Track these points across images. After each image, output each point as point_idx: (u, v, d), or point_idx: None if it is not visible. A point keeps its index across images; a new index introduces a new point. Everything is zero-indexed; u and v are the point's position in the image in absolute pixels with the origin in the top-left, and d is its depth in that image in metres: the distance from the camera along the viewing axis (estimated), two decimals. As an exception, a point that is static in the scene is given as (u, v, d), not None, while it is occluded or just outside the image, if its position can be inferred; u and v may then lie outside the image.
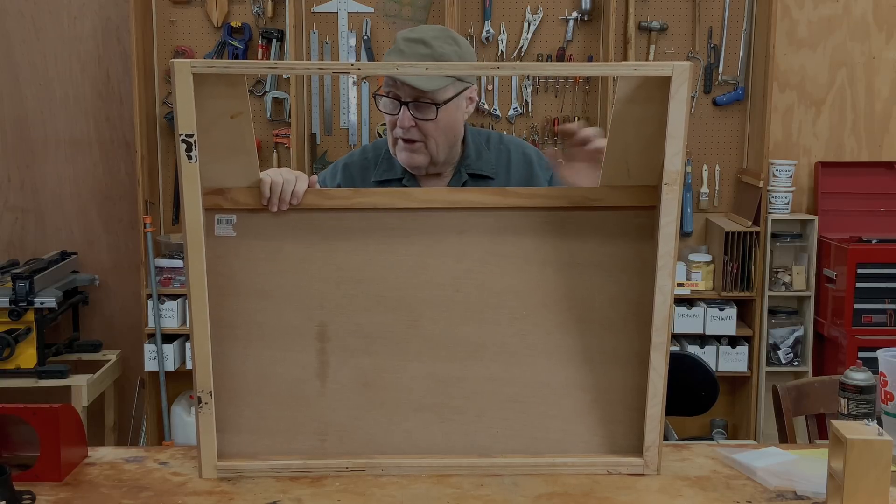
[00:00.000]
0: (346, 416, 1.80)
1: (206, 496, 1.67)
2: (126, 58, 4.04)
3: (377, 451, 1.80)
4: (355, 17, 4.05)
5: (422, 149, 1.98)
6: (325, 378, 1.80)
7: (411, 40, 1.94)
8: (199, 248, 1.67)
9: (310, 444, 1.80)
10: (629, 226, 1.76)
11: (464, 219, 1.75)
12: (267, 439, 1.80)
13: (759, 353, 3.96)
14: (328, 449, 1.80)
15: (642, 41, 4.06)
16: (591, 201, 1.75)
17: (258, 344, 1.77)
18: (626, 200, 1.75)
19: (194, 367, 1.70)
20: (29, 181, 4.18)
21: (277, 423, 1.80)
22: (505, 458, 1.78)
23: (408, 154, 2.00)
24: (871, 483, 1.53)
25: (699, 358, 2.92)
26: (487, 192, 1.75)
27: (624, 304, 1.78)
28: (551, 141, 4.11)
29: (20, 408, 1.73)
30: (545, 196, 1.75)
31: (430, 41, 1.94)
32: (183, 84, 1.59)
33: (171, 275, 3.96)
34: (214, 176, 1.72)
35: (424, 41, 1.93)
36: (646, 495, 1.68)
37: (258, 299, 1.77)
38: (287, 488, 1.70)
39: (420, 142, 1.98)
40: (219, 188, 1.73)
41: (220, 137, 1.68)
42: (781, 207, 3.96)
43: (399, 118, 1.95)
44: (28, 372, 3.70)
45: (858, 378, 1.82)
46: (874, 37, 4.12)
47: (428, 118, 1.95)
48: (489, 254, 1.76)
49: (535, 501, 1.65)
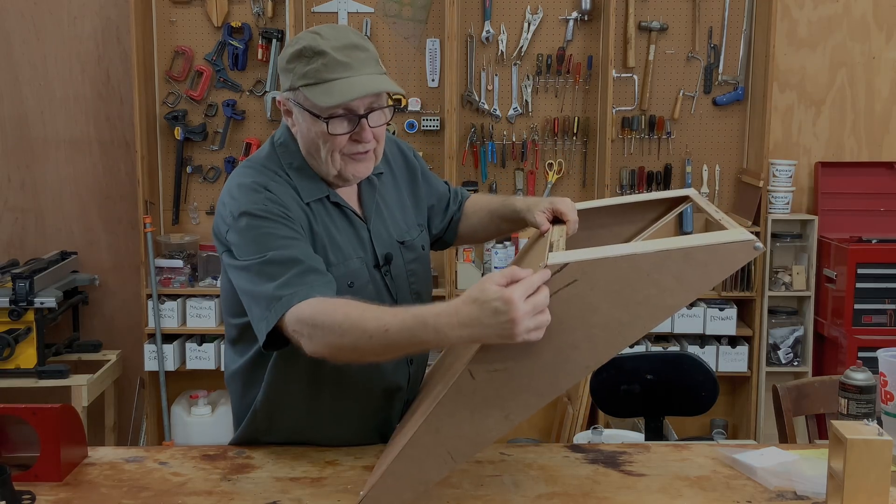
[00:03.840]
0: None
1: (206, 496, 1.67)
2: (126, 58, 4.04)
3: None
4: (355, 16, 4.06)
5: (371, 155, 1.82)
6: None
7: (344, 48, 1.72)
8: None
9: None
10: None
11: None
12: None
13: (759, 353, 3.96)
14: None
15: (642, 41, 4.06)
16: None
17: None
18: None
19: None
20: (29, 181, 4.18)
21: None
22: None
23: (362, 165, 1.81)
24: (871, 483, 1.53)
25: (699, 358, 2.93)
26: None
27: None
28: (551, 141, 4.11)
29: (20, 408, 1.73)
30: None
31: (359, 42, 1.76)
32: None
33: (171, 275, 3.96)
34: None
35: (356, 45, 1.74)
36: (646, 495, 1.68)
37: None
38: (287, 488, 1.70)
39: (371, 150, 1.81)
40: None
41: None
42: (781, 207, 3.96)
43: (358, 133, 1.76)
44: (28, 372, 3.70)
45: (858, 378, 1.82)
46: (874, 37, 4.12)
47: (383, 123, 1.80)
48: None
49: (535, 501, 1.65)
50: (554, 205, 1.86)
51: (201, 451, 1.89)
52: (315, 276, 1.65)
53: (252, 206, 1.72)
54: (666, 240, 1.49)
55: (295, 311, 1.59)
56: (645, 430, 2.92)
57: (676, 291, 1.46)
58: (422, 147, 4.08)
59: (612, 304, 1.45)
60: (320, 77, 1.70)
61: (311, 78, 1.71)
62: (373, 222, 1.88)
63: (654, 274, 1.44)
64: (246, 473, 1.78)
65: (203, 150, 4.12)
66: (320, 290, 1.63)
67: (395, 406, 1.92)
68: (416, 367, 1.94)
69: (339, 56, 1.71)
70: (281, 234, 1.70)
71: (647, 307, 1.46)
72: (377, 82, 1.74)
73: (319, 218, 1.80)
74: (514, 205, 1.99)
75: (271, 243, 1.68)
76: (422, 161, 2.09)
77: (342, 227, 1.83)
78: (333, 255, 1.79)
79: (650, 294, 1.45)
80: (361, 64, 1.73)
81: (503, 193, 4.11)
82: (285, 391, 1.85)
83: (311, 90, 1.71)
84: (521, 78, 4.09)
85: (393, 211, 1.94)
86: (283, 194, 1.76)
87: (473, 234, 2.13)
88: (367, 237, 1.86)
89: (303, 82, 1.72)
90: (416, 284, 1.93)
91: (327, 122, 1.73)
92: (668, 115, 4.10)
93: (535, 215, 1.87)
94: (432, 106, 4.09)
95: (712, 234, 1.50)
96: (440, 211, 2.10)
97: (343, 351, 1.55)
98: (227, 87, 4.07)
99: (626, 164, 4.12)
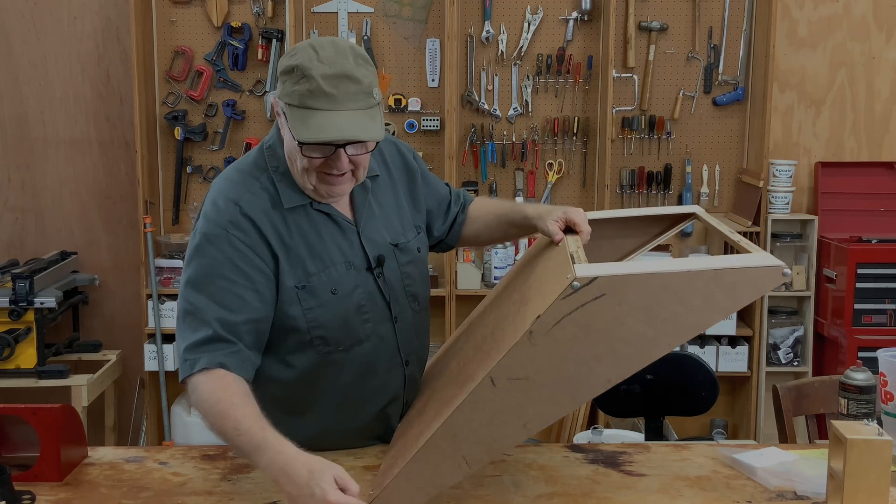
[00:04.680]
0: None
1: (206, 496, 1.67)
2: (126, 58, 4.04)
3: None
4: (355, 16, 4.05)
5: (349, 178, 1.77)
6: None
7: (335, 77, 1.66)
8: None
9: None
10: None
11: None
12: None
13: (759, 353, 3.95)
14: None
15: (642, 41, 4.06)
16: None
17: None
18: None
19: None
20: (29, 181, 4.18)
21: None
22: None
23: (337, 187, 1.77)
24: (871, 483, 1.53)
25: (699, 358, 2.93)
26: None
27: None
28: (551, 141, 4.11)
29: (20, 408, 1.73)
30: None
31: (353, 73, 1.67)
32: None
33: (171, 275, 3.96)
34: None
35: (349, 76, 1.66)
36: (646, 495, 1.68)
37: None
38: (287, 488, 1.69)
39: (348, 173, 1.76)
40: None
41: None
42: (781, 207, 3.96)
43: (333, 161, 1.71)
44: (28, 372, 3.70)
45: (858, 378, 1.82)
46: (874, 37, 4.12)
47: (365, 153, 1.75)
48: None
49: (535, 501, 1.65)
50: (567, 214, 1.84)
51: (201, 451, 1.89)
52: (226, 346, 1.69)
53: (214, 230, 1.74)
54: (696, 259, 1.50)
55: (195, 379, 1.68)
56: (645, 430, 2.92)
57: (702, 311, 1.47)
58: (422, 147, 4.08)
59: (639, 320, 1.46)
60: (304, 102, 1.66)
61: (295, 100, 1.67)
62: (364, 225, 1.86)
63: (682, 293, 1.45)
64: (246, 473, 1.78)
65: (203, 150, 4.12)
66: (226, 360, 1.68)
67: (391, 407, 1.91)
68: (413, 369, 1.93)
69: (327, 87, 1.65)
70: (224, 279, 1.72)
71: (673, 325, 1.47)
72: (355, 127, 1.67)
73: (297, 226, 1.78)
74: (524, 211, 1.97)
75: (211, 283, 1.72)
76: (422, 163, 2.07)
77: (326, 232, 1.81)
78: (312, 265, 1.77)
79: (677, 312, 1.46)
80: (348, 98, 1.67)
81: (503, 193, 4.11)
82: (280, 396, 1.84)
83: (292, 112, 1.68)
84: (521, 78, 4.09)
85: (388, 213, 1.93)
86: (255, 210, 1.75)
87: (477, 237, 2.13)
88: (357, 240, 1.84)
89: (287, 100, 1.69)
90: (412, 286, 1.92)
91: (301, 146, 1.69)
92: (668, 115, 4.10)
93: (547, 224, 1.84)
94: (432, 106, 4.09)
95: (741, 257, 1.52)
96: (441, 213, 2.09)
97: (211, 429, 1.68)
98: (227, 87, 4.07)
99: (626, 164, 4.12)
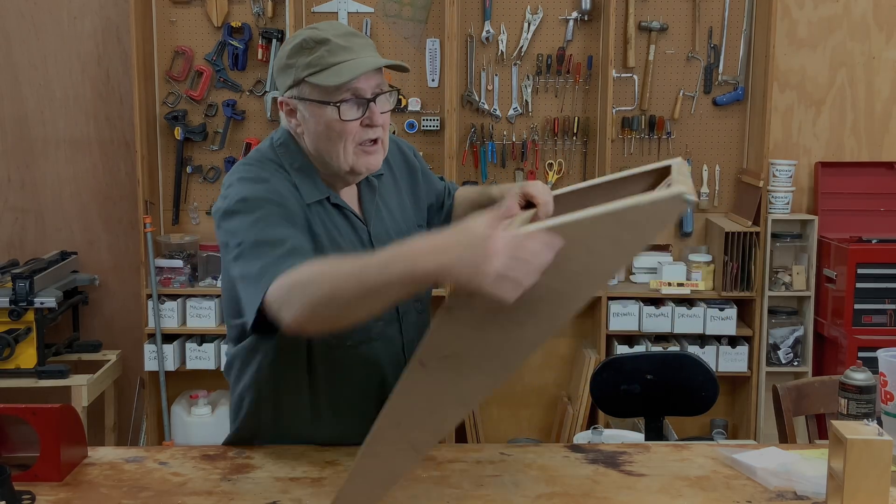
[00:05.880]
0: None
1: (206, 496, 1.67)
2: (126, 58, 4.04)
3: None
4: (355, 16, 4.06)
5: (380, 146, 1.82)
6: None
7: (345, 35, 1.78)
8: None
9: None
10: None
11: None
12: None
13: (759, 353, 3.95)
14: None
15: (642, 41, 4.06)
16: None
17: None
18: None
19: None
20: (29, 181, 4.18)
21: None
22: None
23: (373, 156, 1.81)
24: (871, 483, 1.53)
25: (699, 358, 2.93)
26: None
27: None
28: (551, 141, 4.11)
29: (20, 408, 1.73)
30: None
31: (355, 31, 1.82)
32: None
33: (171, 275, 3.96)
34: None
35: (356, 34, 1.80)
36: (646, 495, 1.68)
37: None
38: (287, 488, 1.70)
39: (380, 139, 1.82)
40: None
41: None
42: (781, 207, 3.96)
43: (369, 117, 1.77)
44: (28, 372, 3.70)
45: (858, 378, 1.82)
46: (874, 37, 4.12)
47: (389, 109, 1.83)
48: None
49: (535, 501, 1.65)
50: (524, 189, 1.82)
51: (201, 451, 1.89)
52: (302, 256, 1.62)
53: (251, 193, 1.74)
54: (596, 207, 1.43)
55: (277, 281, 1.56)
56: (645, 430, 2.92)
57: (612, 255, 1.44)
58: (422, 147, 4.08)
59: (550, 277, 1.39)
60: (325, 63, 1.74)
61: (316, 65, 1.74)
62: (373, 224, 1.88)
63: (587, 242, 1.41)
64: (246, 473, 1.78)
65: (203, 150, 4.12)
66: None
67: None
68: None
69: (341, 41, 1.76)
70: (275, 219, 1.69)
71: (586, 275, 1.44)
72: (381, 60, 1.78)
73: (320, 220, 1.81)
74: (490, 193, 1.98)
75: (264, 226, 1.68)
76: (422, 160, 2.09)
77: (343, 230, 1.84)
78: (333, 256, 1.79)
79: (587, 262, 1.42)
80: (362, 48, 1.78)
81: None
82: (280, 387, 1.85)
83: (317, 76, 1.73)
84: (521, 78, 4.09)
85: (393, 212, 1.94)
86: (284, 189, 1.77)
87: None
88: (368, 239, 1.86)
89: (308, 72, 1.74)
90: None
91: (338, 107, 1.74)
92: (668, 115, 4.10)
93: (507, 201, 1.83)
94: (432, 106, 4.09)
95: (642, 195, 1.46)
96: (438, 208, 2.11)
97: (321, 306, 1.47)
98: (227, 87, 4.07)
99: (626, 164, 4.12)
